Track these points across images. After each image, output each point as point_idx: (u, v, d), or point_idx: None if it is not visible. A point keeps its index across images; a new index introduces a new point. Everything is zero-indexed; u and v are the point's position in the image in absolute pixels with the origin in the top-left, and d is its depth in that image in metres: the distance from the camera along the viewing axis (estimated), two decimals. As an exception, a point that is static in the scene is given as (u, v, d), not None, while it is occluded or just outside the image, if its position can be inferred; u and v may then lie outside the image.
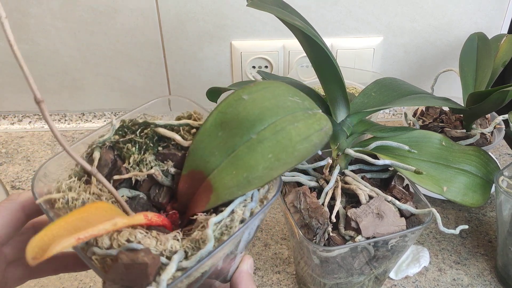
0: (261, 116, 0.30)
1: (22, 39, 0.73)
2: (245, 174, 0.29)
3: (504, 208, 0.49)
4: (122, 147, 0.32)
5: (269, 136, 0.29)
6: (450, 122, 0.65)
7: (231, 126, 0.30)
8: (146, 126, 0.32)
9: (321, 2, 0.72)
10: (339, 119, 0.47)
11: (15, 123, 0.83)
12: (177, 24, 0.73)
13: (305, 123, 0.30)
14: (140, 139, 0.32)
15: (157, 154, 0.32)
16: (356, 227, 0.41)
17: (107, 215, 0.26)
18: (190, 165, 0.31)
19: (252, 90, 0.31)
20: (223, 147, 0.30)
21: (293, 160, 0.28)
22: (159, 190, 0.32)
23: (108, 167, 0.31)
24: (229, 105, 0.30)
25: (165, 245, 0.27)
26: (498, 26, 0.76)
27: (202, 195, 0.30)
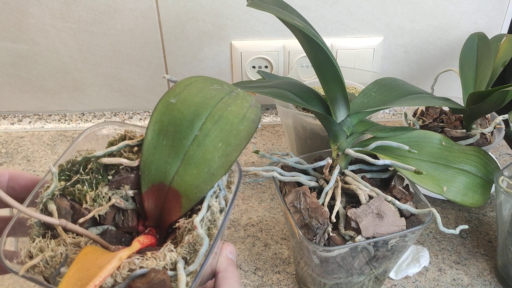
0: (196, 112, 0.31)
1: (22, 39, 0.73)
2: (205, 169, 0.30)
3: (504, 208, 0.49)
4: (72, 190, 0.31)
5: (211, 127, 0.30)
6: (450, 122, 0.65)
7: (173, 131, 0.31)
8: (87, 161, 0.32)
9: (321, 2, 0.72)
10: (339, 119, 0.47)
11: (15, 123, 0.83)
12: (177, 24, 0.73)
13: (236, 105, 0.31)
14: (87, 176, 0.31)
15: (110, 183, 0.32)
16: (356, 227, 0.41)
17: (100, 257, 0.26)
18: (148, 181, 0.31)
19: (176, 92, 0.32)
20: (174, 153, 0.31)
21: (242, 141, 0.30)
22: (124, 216, 0.32)
23: (70, 214, 0.31)
24: (162, 113, 0.31)
25: (165, 259, 0.27)
26: (498, 26, 0.76)
27: (172, 203, 0.31)
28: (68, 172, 0.31)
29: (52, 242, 0.29)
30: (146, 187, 0.31)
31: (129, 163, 0.31)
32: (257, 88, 0.48)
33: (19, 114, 0.82)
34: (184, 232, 0.29)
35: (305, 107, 0.46)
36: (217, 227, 0.30)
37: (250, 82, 0.61)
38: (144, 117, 0.82)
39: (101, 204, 0.31)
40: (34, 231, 0.30)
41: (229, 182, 0.32)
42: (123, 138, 0.34)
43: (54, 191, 0.30)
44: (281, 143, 0.78)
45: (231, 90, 0.33)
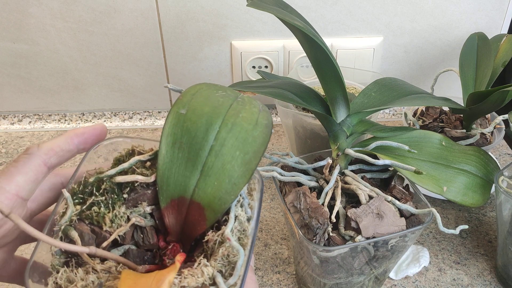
0: (209, 121, 0.30)
1: (22, 39, 0.73)
2: (226, 179, 0.29)
3: (504, 208, 0.49)
4: (89, 214, 0.30)
5: (226, 136, 0.30)
6: (450, 122, 0.65)
7: (187, 143, 0.30)
8: (99, 182, 0.30)
9: (321, 2, 0.72)
10: (339, 119, 0.47)
11: (15, 123, 0.83)
12: (177, 24, 0.73)
13: (245, 111, 0.31)
14: (102, 197, 0.30)
15: (126, 202, 0.30)
16: (356, 227, 0.41)
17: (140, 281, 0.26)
18: (167, 196, 0.30)
19: (184, 102, 0.31)
20: (191, 165, 0.30)
21: (259, 147, 0.30)
22: (143, 233, 0.31)
23: (93, 239, 0.29)
24: (173, 125, 0.30)
25: (203, 275, 0.27)
26: (498, 26, 0.76)
27: (195, 216, 0.30)
28: (82, 194, 0.30)
29: (80, 270, 0.28)
30: (165, 202, 0.30)
31: (145, 180, 0.30)
32: (257, 88, 0.48)
33: (19, 114, 0.82)
34: (215, 245, 0.29)
35: (305, 107, 0.46)
36: (247, 236, 0.29)
37: (250, 82, 0.61)
38: (144, 117, 0.82)
39: (120, 225, 0.30)
40: (54, 260, 0.28)
41: (249, 189, 0.32)
42: (131, 153, 0.32)
43: (72, 217, 0.29)
44: (281, 143, 0.78)
45: (236, 96, 0.32)
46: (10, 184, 0.28)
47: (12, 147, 0.77)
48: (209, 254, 0.29)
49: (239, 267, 0.27)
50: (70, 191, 0.30)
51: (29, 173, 0.29)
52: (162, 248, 0.31)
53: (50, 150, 0.30)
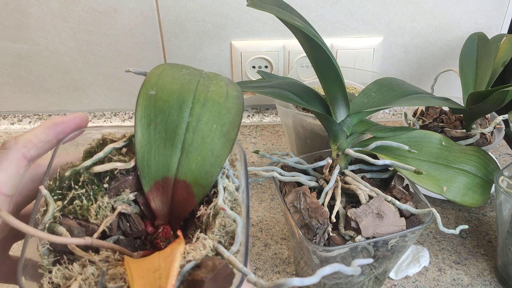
0: (181, 98, 0.30)
1: (22, 39, 0.73)
2: (209, 152, 0.29)
3: (504, 208, 0.49)
4: (72, 208, 0.29)
5: (201, 111, 0.30)
6: (450, 122, 0.65)
7: (162, 123, 0.30)
8: (76, 175, 0.29)
9: (321, 2, 0.72)
10: (339, 119, 0.47)
11: (15, 123, 0.83)
12: (177, 24, 0.73)
13: (214, 85, 0.31)
14: (82, 190, 0.29)
15: (108, 191, 0.29)
16: (356, 227, 0.41)
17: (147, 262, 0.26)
18: (150, 179, 0.30)
19: (152, 83, 0.31)
20: (170, 144, 0.30)
21: (235, 117, 0.30)
22: (130, 221, 0.30)
23: (83, 232, 0.28)
24: (145, 106, 0.30)
25: (205, 248, 0.27)
26: (498, 26, 0.76)
27: (182, 195, 0.30)
28: (60, 190, 0.29)
29: (75, 265, 0.27)
30: (149, 186, 0.30)
31: (124, 166, 0.30)
32: (257, 88, 0.48)
33: (19, 114, 0.82)
34: (209, 218, 0.29)
35: (305, 107, 0.46)
36: (239, 205, 0.30)
37: (250, 82, 0.61)
38: (144, 117, 0.82)
39: (105, 215, 0.29)
40: (43, 261, 0.27)
41: (231, 160, 0.32)
42: (102, 143, 0.31)
43: (54, 213, 0.28)
44: (281, 143, 0.78)
45: (200, 72, 0.33)
46: None
47: (12, 147, 0.77)
48: (203, 228, 0.29)
49: (239, 233, 0.28)
50: (47, 188, 0.29)
51: (9, 169, 0.28)
52: (150, 234, 0.31)
53: (28, 142, 0.30)
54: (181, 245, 0.26)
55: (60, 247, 0.27)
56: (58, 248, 0.27)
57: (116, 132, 0.32)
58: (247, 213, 0.29)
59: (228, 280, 0.25)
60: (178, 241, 0.28)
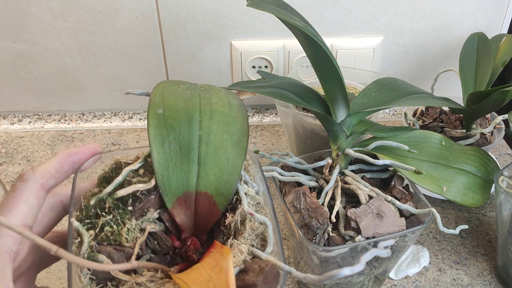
0: (188, 114, 0.31)
1: (22, 39, 0.73)
2: (225, 162, 0.30)
3: (504, 208, 0.49)
4: (104, 236, 0.29)
5: (209, 123, 0.31)
6: (450, 122, 0.65)
7: (175, 140, 0.30)
8: (100, 202, 0.30)
9: (321, 2, 0.72)
10: (339, 119, 0.47)
11: (15, 123, 0.83)
12: (177, 24, 0.73)
13: (215, 96, 0.32)
14: (110, 216, 0.29)
15: (133, 213, 0.30)
16: (356, 227, 0.41)
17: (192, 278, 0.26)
18: (172, 196, 0.31)
19: (157, 102, 0.31)
20: (187, 159, 0.30)
21: (242, 125, 0.31)
22: (157, 239, 0.31)
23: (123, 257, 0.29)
24: (156, 126, 0.30)
25: (243, 253, 0.28)
26: (498, 26, 0.76)
27: (205, 206, 0.31)
28: (88, 219, 0.30)
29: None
30: (172, 202, 0.30)
31: (145, 187, 0.30)
32: (257, 88, 0.48)
33: (19, 114, 0.82)
34: (237, 225, 0.30)
35: (305, 107, 0.46)
36: (264, 207, 0.31)
37: (250, 82, 0.61)
38: (144, 117, 0.82)
39: (135, 237, 0.30)
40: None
41: (244, 166, 0.33)
42: (115, 167, 0.32)
43: (90, 243, 0.29)
44: (281, 143, 0.78)
45: (196, 85, 0.34)
46: (15, 215, 0.28)
47: (12, 147, 0.77)
48: (232, 235, 0.30)
49: (271, 234, 0.29)
50: (76, 219, 0.30)
51: (30, 200, 0.29)
52: (178, 248, 0.31)
53: (46, 172, 0.30)
54: (229, 254, 0.27)
55: (103, 275, 0.28)
56: (101, 276, 0.27)
57: (129, 155, 0.33)
58: (274, 213, 0.30)
59: (276, 280, 0.26)
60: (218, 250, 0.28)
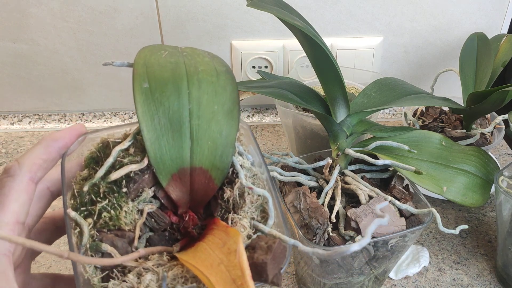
0: (176, 86, 0.29)
1: (22, 39, 0.73)
2: (218, 135, 0.29)
3: (504, 208, 0.49)
4: (103, 222, 0.28)
5: (198, 94, 0.29)
6: (450, 122, 0.65)
7: (165, 115, 0.29)
8: (94, 186, 0.29)
9: (321, 2, 0.72)
10: (339, 119, 0.47)
11: (15, 123, 0.83)
12: (177, 24, 0.73)
13: (200, 63, 0.31)
14: (106, 200, 0.28)
15: (128, 194, 0.29)
16: (356, 227, 0.41)
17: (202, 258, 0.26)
18: (167, 173, 0.30)
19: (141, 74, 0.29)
20: (178, 135, 0.29)
21: (231, 94, 0.30)
22: (154, 217, 0.30)
23: (126, 242, 0.28)
24: (144, 101, 0.29)
25: (246, 228, 0.28)
26: (498, 26, 0.76)
27: (201, 181, 0.30)
28: (84, 207, 0.29)
29: (130, 276, 0.27)
30: (166, 179, 0.30)
31: (138, 167, 0.29)
32: (257, 88, 0.48)
33: (19, 114, 0.82)
34: (236, 199, 0.29)
35: (305, 107, 0.46)
36: (261, 180, 0.31)
37: (250, 82, 0.61)
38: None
39: (134, 219, 0.29)
40: (94, 279, 0.26)
41: (237, 137, 0.32)
42: (102, 146, 0.31)
43: (90, 232, 0.28)
44: (281, 143, 0.78)
45: (180, 49, 0.32)
46: (7, 214, 0.27)
47: (12, 147, 0.77)
48: (231, 209, 0.30)
49: (271, 207, 0.28)
50: (73, 208, 0.29)
51: (21, 197, 0.28)
52: (175, 223, 0.31)
53: (33, 164, 0.29)
54: (238, 236, 0.26)
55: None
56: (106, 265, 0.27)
57: (114, 133, 0.32)
58: (273, 184, 0.30)
59: (283, 255, 0.26)
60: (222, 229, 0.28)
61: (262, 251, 0.26)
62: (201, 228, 0.31)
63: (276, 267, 0.26)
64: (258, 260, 0.25)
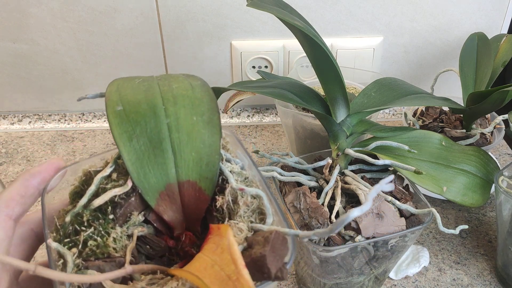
0: (150, 105, 0.29)
1: (22, 39, 0.73)
2: (201, 144, 0.29)
3: (504, 208, 0.49)
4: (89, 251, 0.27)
5: (175, 110, 0.29)
6: (450, 122, 0.65)
7: (143, 133, 0.28)
8: (78, 216, 0.27)
9: (321, 2, 0.72)
10: (339, 119, 0.47)
11: (15, 123, 0.83)
12: (177, 24, 0.73)
13: (174, 82, 0.30)
14: (90, 229, 0.27)
15: (116, 221, 0.28)
16: (356, 227, 0.41)
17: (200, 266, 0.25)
18: (154, 193, 0.28)
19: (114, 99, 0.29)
20: (160, 151, 0.28)
21: (210, 104, 0.29)
22: (148, 243, 0.29)
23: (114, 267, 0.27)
24: (119, 124, 0.28)
25: (243, 231, 0.27)
26: (498, 26, 0.76)
27: (192, 195, 0.29)
28: (67, 238, 0.27)
29: None
30: (155, 199, 0.28)
31: (122, 190, 0.28)
32: (257, 88, 0.48)
33: (19, 114, 0.82)
34: (230, 206, 0.28)
35: (305, 107, 0.46)
36: (253, 181, 0.30)
37: (250, 82, 0.61)
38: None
39: (124, 245, 0.27)
40: None
41: (223, 145, 0.32)
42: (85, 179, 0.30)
43: (75, 262, 0.26)
44: (281, 143, 0.78)
45: (153, 77, 0.32)
46: None
47: (12, 147, 0.77)
48: (226, 218, 0.28)
49: (267, 205, 0.28)
50: (54, 240, 0.27)
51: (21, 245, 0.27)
52: (173, 247, 0.30)
53: (10, 200, 0.28)
54: (227, 230, 0.25)
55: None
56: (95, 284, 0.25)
57: (95, 163, 0.31)
58: (265, 183, 0.29)
59: (284, 246, 0.25)
60: (216, 233, 0.27)
61: (259, 245, 0.25)
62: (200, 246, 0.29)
63: (278, 260, 0.24)
64: (256, 255, 0.24)
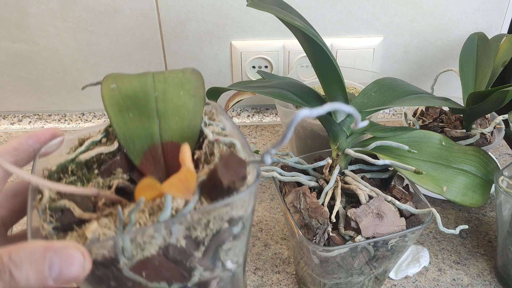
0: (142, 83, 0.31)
1: (22, 39, 0.73)
2: (185, 112, 0.31)
3: (504, 208, 0.49)
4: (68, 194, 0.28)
5: (164, 86, 0.31)
6: (450, 122, 0.65)
7: (133, 105, 0.31)
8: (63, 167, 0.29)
9: (321, 2, 0.72)
10: (339, 119, 0.47)
11: (15, 123, 0.83)
12: (177, 24, 0.73)
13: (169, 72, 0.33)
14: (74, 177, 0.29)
15: (100, 174, 0.29)
16: (356, 227, 0.41)
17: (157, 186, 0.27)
18: (138, 152, 0.30)
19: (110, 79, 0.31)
20: (147, 118, 0.31)
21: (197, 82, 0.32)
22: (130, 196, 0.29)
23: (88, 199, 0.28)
24: (111, 97, 0.31)
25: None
26: (498, 26, 0.76)
27: (173, 153, 0.31)
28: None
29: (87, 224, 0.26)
30: (139, 158, 0.30)
31: (108, 149, 0.30)
32: (257, 88, 0.48)
33: (19, 114, 0.82)
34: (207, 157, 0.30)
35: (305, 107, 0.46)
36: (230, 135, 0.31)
37: (250, 82, 0.61)
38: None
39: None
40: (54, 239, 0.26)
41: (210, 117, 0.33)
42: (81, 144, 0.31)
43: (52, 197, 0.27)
44: (281, 143, 0.78)
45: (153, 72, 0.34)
46: None
47: (12, 147, 0.77)
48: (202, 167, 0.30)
49: (240, 150, 0.29)
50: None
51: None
52: None
53: (3, 151, 0.29)
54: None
55: (67, 219, 0.26)
56: (66, 222, 0.27)
57: (90, 132, 0.33)
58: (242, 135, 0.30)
59: (241, 166, 0.26)
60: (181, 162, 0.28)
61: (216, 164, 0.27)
62: None
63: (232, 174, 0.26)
64: (210, 171, 0.26)
